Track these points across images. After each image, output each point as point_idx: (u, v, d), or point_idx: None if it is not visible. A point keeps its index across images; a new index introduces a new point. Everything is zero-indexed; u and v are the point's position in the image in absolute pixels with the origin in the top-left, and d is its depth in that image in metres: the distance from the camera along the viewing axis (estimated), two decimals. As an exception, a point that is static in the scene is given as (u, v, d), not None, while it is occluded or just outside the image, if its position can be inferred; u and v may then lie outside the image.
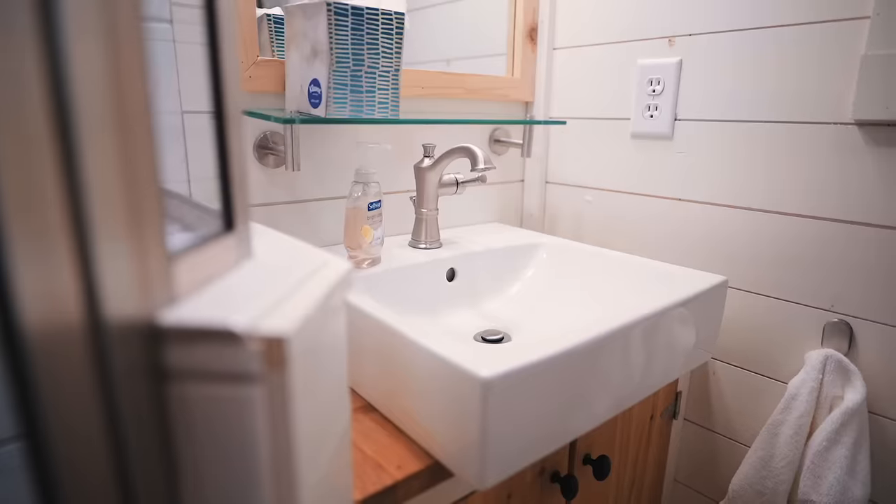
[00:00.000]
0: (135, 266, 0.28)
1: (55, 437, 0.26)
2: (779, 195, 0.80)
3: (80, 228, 0.25)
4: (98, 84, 0.24)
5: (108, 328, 0.27)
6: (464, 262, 0.87)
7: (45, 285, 0.25)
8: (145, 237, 0.28)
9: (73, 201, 0.25)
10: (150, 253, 0.29)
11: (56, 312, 0.26)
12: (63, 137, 0.24)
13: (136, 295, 0.28)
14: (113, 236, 0.26)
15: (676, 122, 0.89)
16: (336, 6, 0.63)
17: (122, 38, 0.26)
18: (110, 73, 0.25)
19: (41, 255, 0.24)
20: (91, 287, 0.26)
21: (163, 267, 0.30)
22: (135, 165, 0.27)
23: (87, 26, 0.23)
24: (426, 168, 0.84)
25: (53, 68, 0.22)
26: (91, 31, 0.24)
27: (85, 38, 0.23)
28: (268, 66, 0.73)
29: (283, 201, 0.81)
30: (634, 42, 0.93)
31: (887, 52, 0.66)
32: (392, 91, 0.71)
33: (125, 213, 0.27)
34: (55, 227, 0.24)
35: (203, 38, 0.39)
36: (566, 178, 1.08)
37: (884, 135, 0.69)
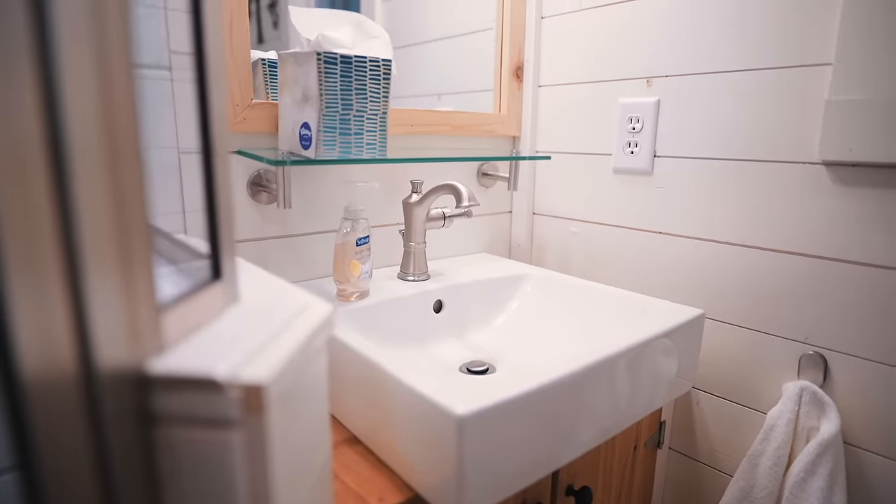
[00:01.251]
0: (126, 316, 0.30)
1: (48, 473, 0.28)
2: (753, 230, 0.83)
3: (74, 277, 0.28)
4: (90, 122, 0.27)
5: (100, 376, 0.29)
6: (451, 293, 0.89)
7: (42, 334, 0.27)
8: (136, 288, 0.31)
9: (67, 246, 0.27)
10: (141, 303, 0.31)
11: (52, 360, 0.28)
12: (58, 180, 0.26)
13: (127, 344, 0.31)
14: (105, 287, 0.28)
15: (656, 159, 0.93)
16: (326, 55, 0.66)
17: (115, 80, 0.28)
18: (103, 112, 0.27)
19: (38, 307, 0.27)
20: (84, 337, 0.29)
21: (152, 317, 0.32)
22: (125, 209, 0.30)
23: (81, 67, 0.26)
24: (414, 203, 0.87)
25: (50, 106, 0.25)
26: (85, 73, 0.26)
27: (79, 78, 0.26)
28: (261, 108, 0.77)
29: (274, 236, 0.84)
30: (615, 81, 0.97)
31: (848, 98, 0.70)
32: (380, 132, 0.75)
33: (117, 262, 0.29)
34: (51, 276, 0.27)
35: (193, 84, 0.42)
36: (553, 209, 1.11)
37: (849, 175, 0.73)
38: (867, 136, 0.69)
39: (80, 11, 0.26)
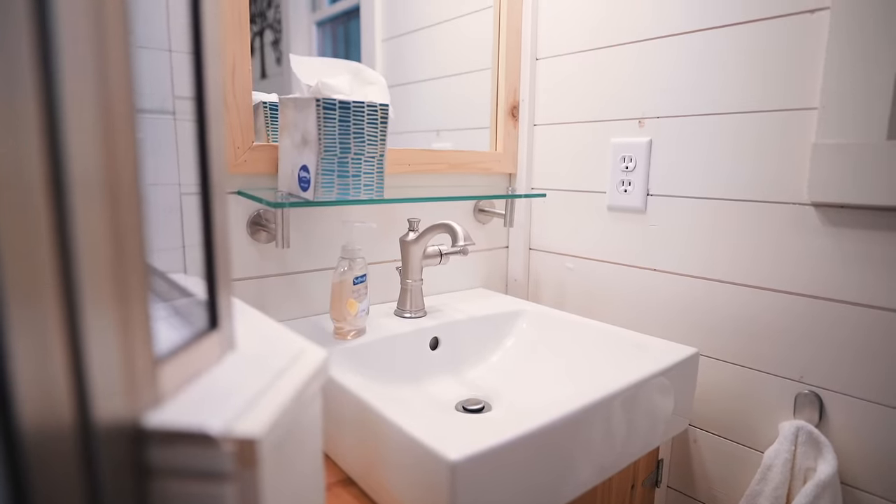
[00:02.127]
0: (123, 368, 0.31)
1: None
2: (745, 269, 0.84)
3: (73, 326, 0.28)
4: (92, 162, 0.28)
5: (97, 428, 0.30)
6: (447, 330, 0.90)
7: (40, 384, 0.28)
8: (134, 339, 0.31)
9: (66, 292, 0.28)
10: (138, 355, 0.32)
11: (50, 410, 0.29)
12: (58, 220, 0.27)
13: (124, 396, 0.31)
14: (103, 337, 0.29)
15: (649, 197, 0.94)
16: (324, 102, 0.68)
17: (117, 122, 0.29)
18: (104, 153, 0.28)
19: (37, 356, 0.28)
20: (82, 389, 0.30)
21: (149, 369, 0.33)
22: (124, 251, 0.30)
23: (84, 109, 0.27)
24: (411, 241, 0.88)
25: (53, 145, 0.26)
26: (88, 115, 0.27)
27: (82, 119, 0.27)
28: (262, 150, 0.78)
29: (273, 273, 0.85)
30: (608, 122, 0.99)
31: (834, 142, 0.72)
32: (377, 174, 0.76)
33: (115, 310, 0.30)
34: (51, 325, 0.28)
35: (193, 129, 0.43)
36: (549, 245, 1.13)
37: (837, 216, 0.74)
38: (854, 179, 0.71)
39: (84, 54, 0.27)
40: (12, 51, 0.24)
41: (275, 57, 0.95)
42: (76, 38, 0.27)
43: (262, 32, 0.93)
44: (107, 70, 0.29)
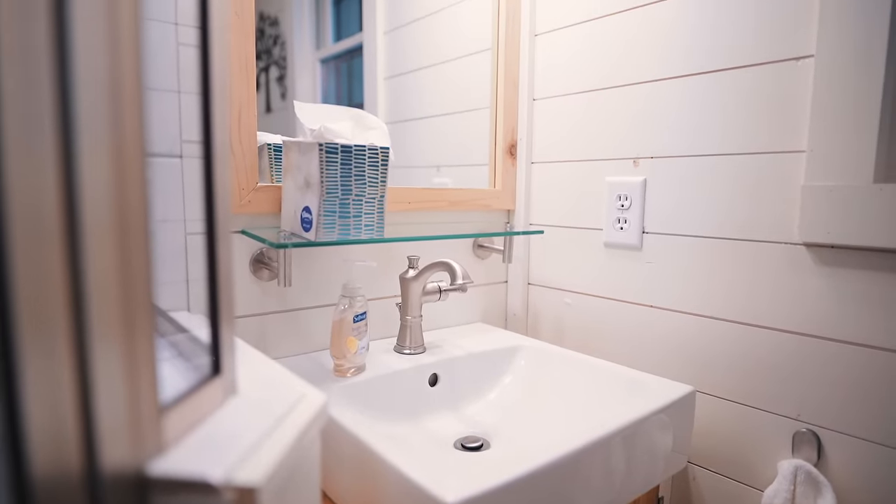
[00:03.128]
0: (129, 415, 0.32)
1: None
2: (740, 306, 0.85)
3: (83, 370, 0.30)
4: (103, 202, 0.29)
5: (103, 476, 0.31)
6: (446, 367, 0.91)
7: (51, 431, 0.29)
8: (140, 386, 0.33)
9: (77, 335, 0.29)
10: (144, 402, 0.33)
11: (59, 457, 0.30)
12: (71, 259, 0.29)
13: (129, 444, 0.33)
14: (111, 384, 0.31)
15: (644, 235, 0.96)
16: (327, 146, 0.71)
17: (128, 165, 0.31)
18: (115, 194, 0.30)
19: (48, 401, 0.29)
20: (90, 436, 0.31)
21: (154, 417, 0.34)
22: (132, 292, 0.32)
23: (97, 153, 0.29)
24: (410, 279, 0.89)
25: (68, 184, 0.28)
26: (101, 158, 0.29)
27: (95, 162, 0.28)
28: (266, 191, 0.81)
29: (274, 311, 0.86)
30: (603, 161, 1.01)
31: (823, 184, 0.74)
32: (378, 214, 0.78)
33: (122, 355, 0.31)
34: (63, 368, 0.29)
35: (201, 176, 0.45)
36: (547, 280, 1.14)
37: (828, 256, 0.76)
38: (843, 220, 0.72)
39: (100, 99, 0.29)
40: (34, 97, 0.26)
41: (279, 92, 0.98)
42: (93, 83, 0.29)
43: (268, 68, 0.97)
44: (121, 115, 0.30)
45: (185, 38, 0.74)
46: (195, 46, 0.50)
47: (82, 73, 0.28)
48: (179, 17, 0.74)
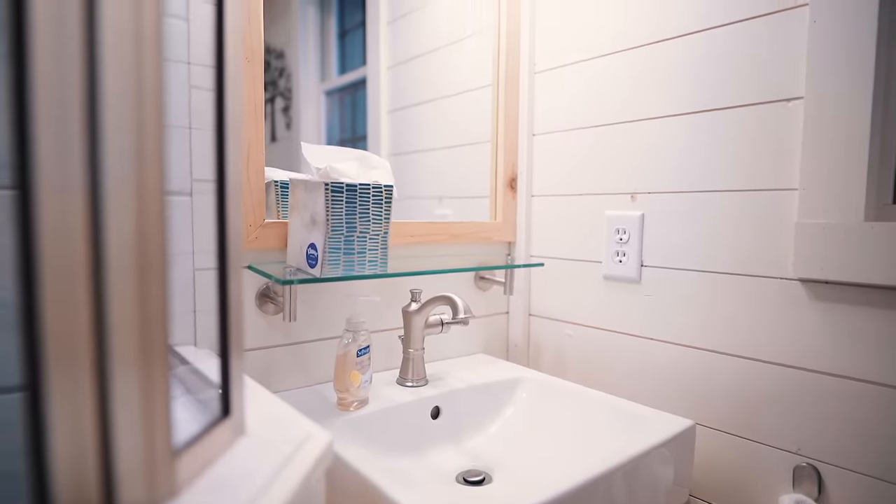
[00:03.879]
0: (145, 457, 0.34)
1: None
2: (737, 340, 0.86)
3: (104, 408, 0.31)
4: (127, 240, 0.31)
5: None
6: (448, 400, 0.91)
7: (73, 468, 0.31)
8: (155, 428, 0.34)
9: (100, 375, 0.31)
10: (158, 445, 0.35)
11: (80, 496, 0.31)
12: (96, 302, 0.30)
13: (145, 487, 0.34)
14: (129, 424, 0.32)
15: (643, 268, 0.98)
16: (333, 185, 0.73)
17: (148, 205, 0.32)
18: (137, 232, 0.32)
19: (71, 439, 0.30)
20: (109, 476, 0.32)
21: (168, 460, 0.35)
22: (150, 330, 0.33)
23: (122, 193, 0.31)
24: (413, 312, 0.91)
25: (95, 219, 0.30)
26: (125, 199, 0.31)
27: (120, 202, 0.31)
28: (272, 227, 0.83)
29: (280, 344, 0.88)
30: (602, 195, 1.04)
31: (815, 221, 0.76)
32: (381, 250, 0.80)
33: (140, 394, 0.33)
34: (86, 398, 0.30)
35: (214, 213, 0.47)
36: (548, 312, 1.15)
37: (823, 292, 0.77)
38: (836, 257, 0.74)
39: (125, 148, 0.31)
40: (66, 140, 0.29)
41: (284, 122, 1.01)
42: (120, 128, 0.31)
43: (274, 99, 1.00)
44: (143, 157, 0.32)
45: (197, 78, 0.77)
46: (211, 91, 0.53)
47: (110, 118, 0.30)
48: (192, 57, 0.77)
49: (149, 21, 0.32)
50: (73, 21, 0.29)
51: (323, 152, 0.77)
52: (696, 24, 0.89)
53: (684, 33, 0.90)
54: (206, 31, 0.77)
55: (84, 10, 0.29)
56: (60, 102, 0.28)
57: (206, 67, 0.78)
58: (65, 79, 0.29)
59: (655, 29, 0.94)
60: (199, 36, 0.76)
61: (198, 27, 0.76)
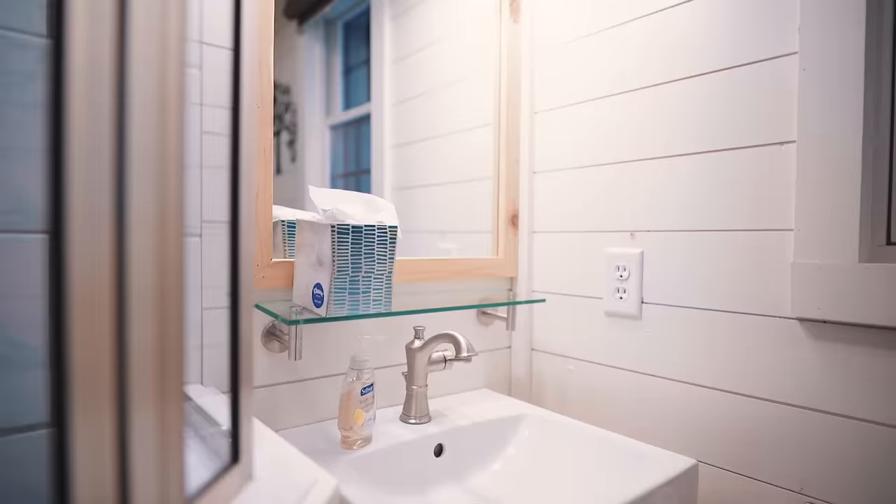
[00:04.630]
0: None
1: None
2: (737, 378, 0.87)
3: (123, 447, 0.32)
4: (148, 273, 0.33)
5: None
6: (451, 437, 0.92)
7: None
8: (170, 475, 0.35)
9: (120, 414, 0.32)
10: (172, 495, 0.36)
11: None
12: (119, 342, 0.32)
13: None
14: (146, 472, 0.33)
15: (643, 305, 0.99)
16: (339, 227, 0.75)
17: (168, 243, 0.34)
18: (157, 266, 0.34)
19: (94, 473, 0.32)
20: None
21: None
22: (167, 369, 0.35)
23: (145, 230, 0.33)
24: (416, 349, 0.92)
25: (120, 262, 0.31)
26: (147, 235, 0.33)
27: (142, 238, 0.33)
28: (279, 266, 0.85)
29: (285, 381, 0.89)
30: (602, 233, 1.06)
31: (811, 262, 0.77)
32: (386, 289, 0.82)
33: (157, 443, 0.34)
34: (106, 441, 0.32)
35: (228, 253, 0.48)
36: (550, 347, 1.16)
37: (821, 331, 0.78)
38: (833, 297, 0.75)
39: (148, 189, 0.33)
40: (97, 184, 0.31)
41: (290, 156, 1.04)
42: (143, 174, 0.33)
43: (279, 133, 1.03)
44: (165, 198, 0.34)
45: (209, 122, 0.80)
46: (221, 134, 0.54)
47: (136, 170, 0.32)
48: (204, 99, 0.80)
49: (173, 81, 0.34)
50: (105, 80, 0.31)
51: (330, 195, 0.79)
52: (693, 68, 0.92)
53: (682, 77, 0.93)
54: (217, 78, 0.80)
55: (115, 73, 0.31)
56: (93, 154, 0.31)
57: (216, 109, 0.81)
58: (97, 132, 0.31)
59: (655, 73, 0.97)
60: (211, 81, 0.80)
61: (210, 75, 0.80)
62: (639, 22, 0.99)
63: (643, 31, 0.99)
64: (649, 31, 0.98)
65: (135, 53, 0.32)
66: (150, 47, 0.33)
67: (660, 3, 0.96)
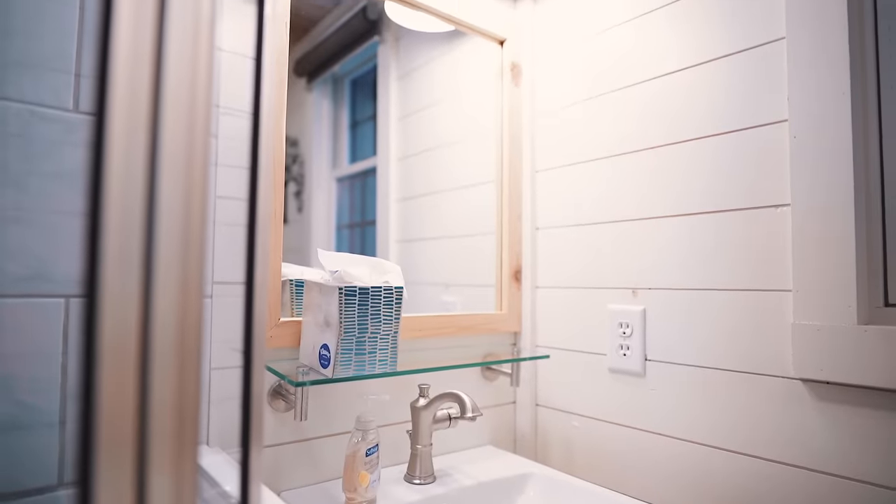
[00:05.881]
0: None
1: None
2: (743, 438, 0.86)
3: None
4: (171, 330, 0.34)
5: None
6: (456, 499, 0.91)
7: None
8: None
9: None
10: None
11: None
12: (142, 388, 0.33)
13: None
14: None
15: (647, 362, 1.00)
16: (346, 289, 0.77)
17: (190, 300, 0.36)
18: (179, 323, 0.35)
19: None
20: None
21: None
22: (184, 434, 0.36)
23: (169, 286, 0.34)
24: (421, 408, 0.92)
25: (146, 317, 0.33)
26: (171, 292, 0.34)
27: (166, 295, 0.34)
28: (287, 326, 0.86)
29: (290, 441, 0.89)
30: (604, 289, 1.07)
31: (811, 323, 0.78)
32: (391, 349, 0.83)
33: None
34: None
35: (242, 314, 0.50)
36: (554, 402, 1.16)
37: (825, 392, 0.79)
38: (834, 359, 0.76)
39: (174, 253, 0.35)
40: (129, 248, 0.33)
41: (296, 206, 1.07)
42: (170, 238, 0.35)
43: (287, 184, 1.05)
44: (188, 257, 0.36)
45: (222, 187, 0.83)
46: (232, 199, 0.57)
47: (162, 239, 0.35)
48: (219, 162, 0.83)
49: (198, 152, 0.37)
50: (139, 154, 0.33)
51: (338, 258, 0.82)
52: (691, 132, 0.95)
53: (681, 140, 0.97)
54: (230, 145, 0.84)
55: (149, 146, 0.34)
56: (125, 228, 0.33)
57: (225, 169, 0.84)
58: (131, 202, 0.34)
59: (657, 135, 1.01)
60: (224, 148, 0.83)
61: (224, 142, 0.83)
62: (640, 86, 1.04)
63: (645, 95, 1.03)
64: (652, 94, 1.01)
65: (167, 126, 0.35)
66: (180, 120, 0.36)
67: (658, 69, 1.01)
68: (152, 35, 0.35)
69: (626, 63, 1.06)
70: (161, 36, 0.36)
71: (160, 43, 0.36)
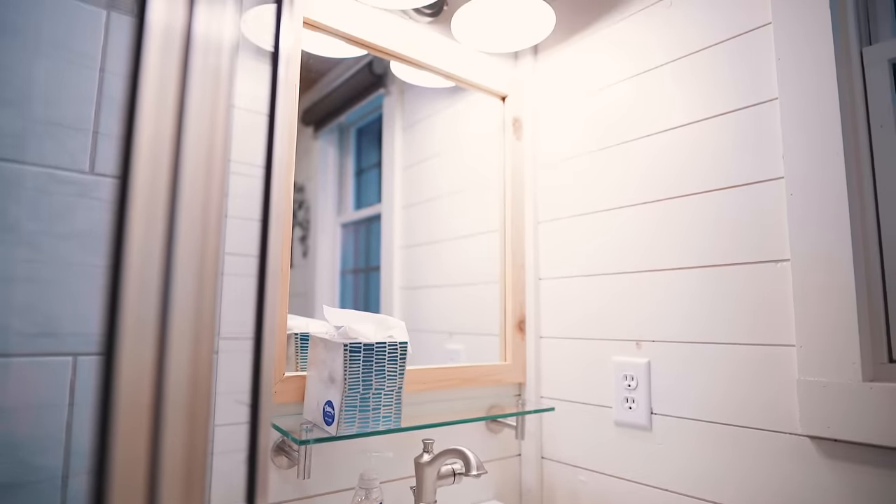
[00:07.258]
0: None
1: None
2: (751, 495, 0.85)
3: None
4: (183, 381, 0.35)
5: None
6: (460, 558, 0.89)
7: None
8: None
9: None
10: None
11: None
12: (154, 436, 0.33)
13: None
14: None
15: (653, 416, 0.99)
16: (351, 346, 0.77)
17: (201, 349, 0.36)
18: (191, 373, 0.35)
19: None
20: None
21: None
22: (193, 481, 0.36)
23: (183, 337, 0.35)
24: (425, 463, 0.91)
25: (160, 373, 0.33)
26: (184, 341, 0.35)
27: (180, 344, 0.35)
28: (292, 381, 0.86)
29: (292, 498, 0.87)
30: (608, 341, 1.07)
31: (816, 380, 0.78)
32: (396, 405, 0.83)
33: None
34: None
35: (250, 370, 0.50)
36: (560, 456, 1.14)
37: (832, 449, 0.78)
38: (840, 416, 0.75)
39: (189, 310, 0.35)
40: (147, 301, 0.33)
41: (301, 251, 1.08)
42: (186, 284, 0.36)
43: (292, 229, 1.07)
44: (201, 312, 0.37)
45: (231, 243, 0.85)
46: (241, 255, 0.57)
47: (178, 293, 0.36)
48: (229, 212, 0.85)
49: (213, 210, 0.38)
50: (159, 216, 0.35)
51: (343, 315, 0.82)
52: (692, 187, 0.97)
53: (683, 194, 0.98)
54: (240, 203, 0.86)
55: (168, 208, 0.35)
56: (143, 287, 0.34)
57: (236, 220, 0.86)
58: (148, 267, 0.35)
59: (659, 189, 1.03)
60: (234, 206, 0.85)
61: (235, 200, 0.85)
62: (642, 141, 1.06)
63: (649, 149, 1.05)
64: (659, 147, 1.04)
65: (185, 190, 0.36)
66: (198, 181, 0.37)
67: (658, 125, 1.03)
68: (174, 105, 0.37)
69: (629, 118, 1.09)
70: (181, 113, 0.38)
71: (181, 115, 0.38)
